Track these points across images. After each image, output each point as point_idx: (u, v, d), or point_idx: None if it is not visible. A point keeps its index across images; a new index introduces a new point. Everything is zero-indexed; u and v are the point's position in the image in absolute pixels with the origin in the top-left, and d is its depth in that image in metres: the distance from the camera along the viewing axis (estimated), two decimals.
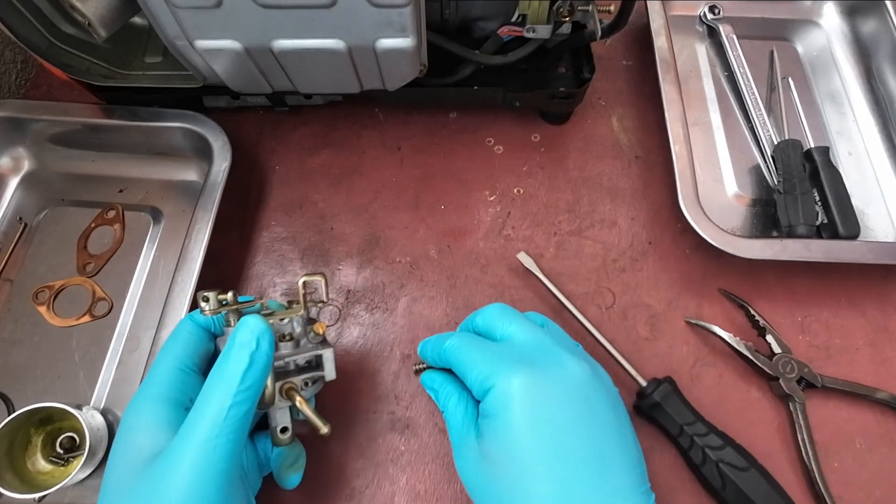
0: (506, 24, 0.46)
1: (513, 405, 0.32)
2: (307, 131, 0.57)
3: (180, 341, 0.35)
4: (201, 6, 0.37)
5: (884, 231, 0.53)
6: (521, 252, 0.49)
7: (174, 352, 0.35)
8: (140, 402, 0.33)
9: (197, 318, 0.36)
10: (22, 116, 0.51)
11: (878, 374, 0.47)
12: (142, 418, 0.32)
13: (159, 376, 0.33)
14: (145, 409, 0.32)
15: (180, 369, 0.34)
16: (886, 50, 0.59)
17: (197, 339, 0.36)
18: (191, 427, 0.29)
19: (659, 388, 0.43)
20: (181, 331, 0.36)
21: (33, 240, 0.51)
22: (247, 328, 0.31)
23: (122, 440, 0.32)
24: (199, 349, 0.36)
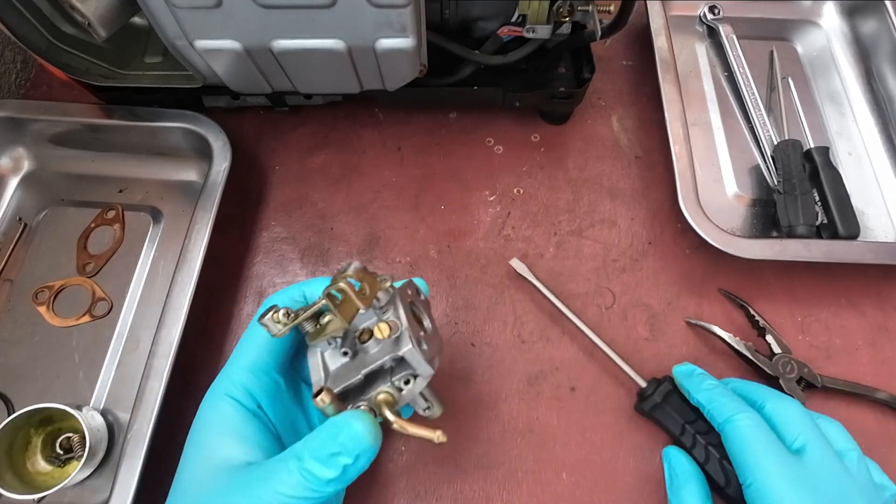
0: (506, 24, 0.46)
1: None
2: (307, 131, 0.57)
3: (255, 344, 0.33)
4: (201, 6, 0.37)
5: (883, 231, 0.53)
6: (514, 258, 0.48)
7: (250, 355, 0.32)
8: (214, 400, 0.31)
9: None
10: (22, 116, 0.51)
11: (878, 374, 0.47)
12: (216, 423, 0.30)
13: (234, 377, 0.31)
14: (220, 410, 0.31)
15: (253, 372, 0.32)
16: (886, 50, 0.59)
17: (270, 341, 0.33)
18: None
19: (659, 388, 0.43)
20: (257, 334, 0.33)
21: (33, 240, 0.51)
22: (355, 437, 0.27)
23: (196, 442, 0.31)
24: (273, 350, 0.33)
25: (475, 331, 0.48)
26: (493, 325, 0.48)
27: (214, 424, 0.31)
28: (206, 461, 0.29)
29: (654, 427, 0.45)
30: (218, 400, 0.31)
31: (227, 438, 0.30)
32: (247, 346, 0.33)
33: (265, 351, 0.33)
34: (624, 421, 0.45)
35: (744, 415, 0.37)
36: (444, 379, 0.46)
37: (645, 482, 0.43)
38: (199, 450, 0.30)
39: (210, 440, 0.30)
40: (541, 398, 0.46)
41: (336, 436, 0.27)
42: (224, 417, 0.30)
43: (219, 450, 0.29)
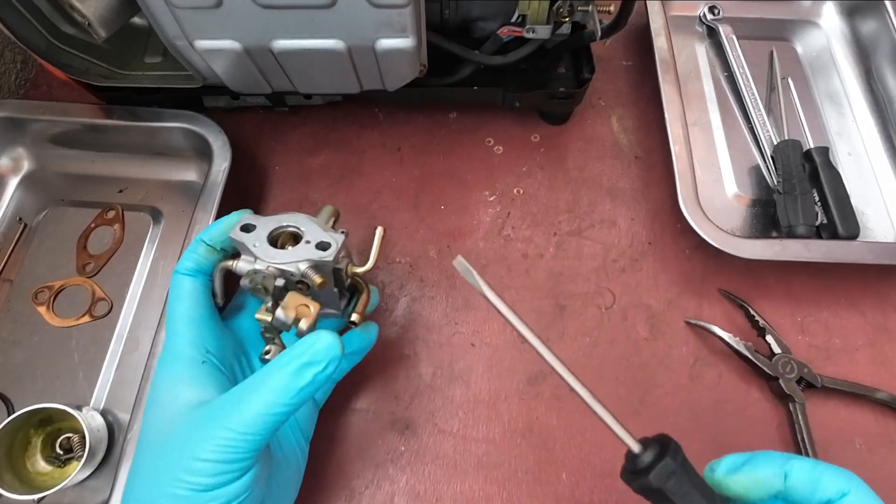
0: (506, 25, 0.46)
1: None
2: (307, 131, 0.57)
3: (184, 300, 0.35)
4: (201, 6, 0.37)
5: (883, 231, 0.53)
6: (458, 256, 0.30)
7: (181, 311, 0.35)
8: (166, 363, 0.34)
9: (185, 268, 0.36)
10: (22, 116, 0.51)
11: (878, 374, 0.47)
12: (170, 378, 0.33)
13: (176, 335, 0.34)
14: (171, 368, 0.33)
15: (191, 323, 0.34)
16: (886, 50, 0.59)
17: (199, 288, 0.36)
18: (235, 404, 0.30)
19: (660, 466, 0.29)
20: (181, 289, 0.35)
21: (33, 240, 0.51)
22: (324, 347, 0.30)
23: (156, 397, 0.33)
24: (203, 298, 0.36)
25: (475, 330, 0.48)
26: (493, 325, 0.48)
27: (170, 380, 0.33)
28: (169, 407, 0.32)
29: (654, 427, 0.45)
30: (171, 359, 0.34)
31: (184, 386, 0.32)
32: (180, 301, 0.35)
33: (198, 302, 0.35)
34: (624, 421, 0.45)
35: None
36: (444, 379, 0.46)
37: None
38: (158, 403, 0.32)
39: (169, 392, 0.32)
40: (541, 398, 0.46)
41: (307, 349, 0.30)
42: (179, 372, 0.33)
43: (180, 395, 0.32)
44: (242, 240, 0.34)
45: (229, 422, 0.29)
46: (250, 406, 0.29)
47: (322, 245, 0.34)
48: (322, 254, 0.33)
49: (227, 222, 0.36)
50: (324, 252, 0.33)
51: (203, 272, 0.36)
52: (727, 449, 0.44)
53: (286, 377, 0.30)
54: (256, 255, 0.33)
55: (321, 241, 0.34)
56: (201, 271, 0.36)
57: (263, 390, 0.29)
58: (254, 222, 0.35)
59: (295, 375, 0.30)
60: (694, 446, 0.44)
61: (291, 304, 0.32)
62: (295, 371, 0.30)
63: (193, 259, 0.35)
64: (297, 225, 0.35)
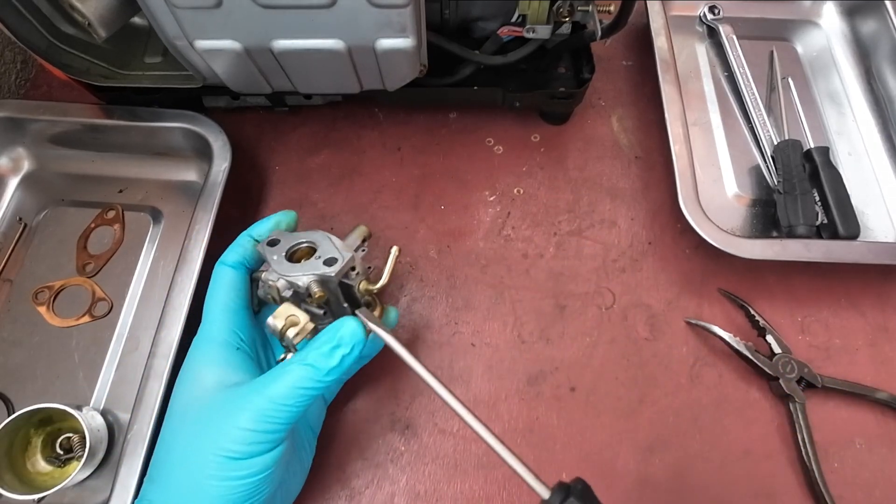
0: (506, 25, 0.46)
1: None
2: (307, 131, 0.57)
3: (225, 289, 0.37)
4: (201, 6, 0.37)
5: (883, 231, 0.53)
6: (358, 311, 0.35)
7: (220, 300, 0.37)
8: (202, 345, 0.36)
9: (229, 260, 0.38)
10: (22, 116, 0.51)
11: (878, 374, 0.47)
12: (205, 360, 0.35)
13: (214, 322, 0.36)
14: (207, 351, 0.36)
15: (228, 311, 0.37)
16: (886, 50, 0.59)
17: (238, 280, 0.38)
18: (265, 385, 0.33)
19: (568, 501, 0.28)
20: (222, 279, 0.38)
21: (33, 240, 0.51)
22: (350, 333, 0.34)
23: (193, 375, 0.35)
24: (242, 289, 0.38)
25: (475, 331, 0.48)
26: (493, 325, 0.48)
27: (207, 360, 0.35)
28: (204, 384, 0.34)
29: (654, 427, 0.45)
30: (207, 342, 0.36)
31: (220, 367, 0.35)
32: (221, 290, 0.37)
33: (237, 293, 0.38)
34: (624, 421, 0.45)
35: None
36: (444, 379, 0.46)
37: (645, 482, 0.43)
38: (194, 380, 0.35)
39: (206, 370, 0.35)
40: (541, 398, 0.46)
41: (335, 334, 0.33)
42: (216, 354, 0.35)
43: (216, 375, 0.34)
44: (265, 253, 0.37)
45: (267, 392, 0.32)
46: (286, 379, 0.32)
47: (329, 261, 0.35)
48: (326, 269, 0.35)
49: (275, 220, 0.40)
50: (328, 268, 0.35)
51: (244, 265, 0.39)
52: (727, 448, 0.44)
53: (318, 357, 0.33)
54: (273, 267, 0.36)
55: (329, 257, 0.35)
56: (243, 264, 0.38)
57: (298, 368, 0.32)
58: (281, 238, 0.37)
59: (326, 356, 0.33)
60: (694, 446, 0.44)
61: (283, 313, 0.35)
62: (326, 353, 0.33)
63: (238, 252, 0.38)
64: (314, 241, 0.37)
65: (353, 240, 0.40)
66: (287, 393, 0.32)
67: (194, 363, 0.36)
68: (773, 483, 0.43)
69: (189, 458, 0.32)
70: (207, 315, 0.37)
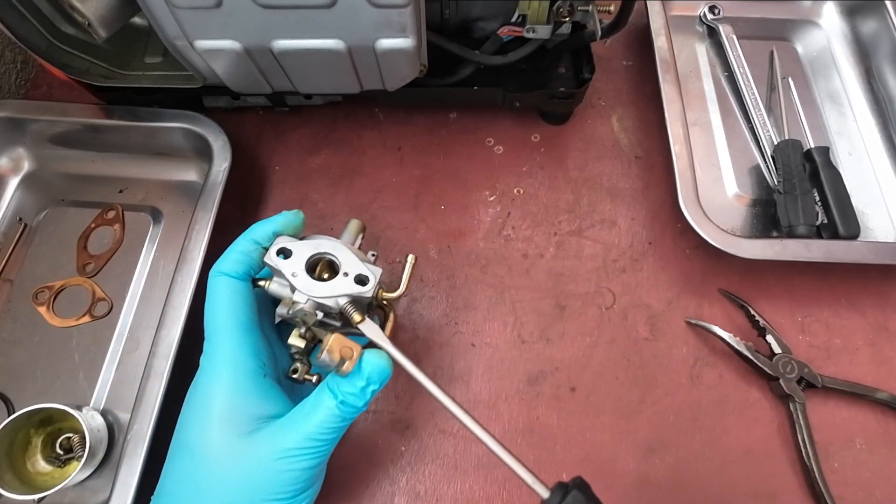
0: (506, 25, 0.46)
1: None
2: (307, 131, 0.57)
3: (241, 305, 0.34)
4: (201, 6, 0.37)
5: (884, 231, 0.53)
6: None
7: (238, 318, 0.34)
8: (222, 372, 0.33)
9: (235, 271, 0.34)
10: (22, 116, 0.51)
11: (878, 374, 0.47)
12: (233, 391, 0.32)
13: (232, 344, 0.33)
14: (233, 381, 0.33)
15: (247, 332, 0.34)
16: (886, 50, 0.59)
17: (249, 292, 0.35)
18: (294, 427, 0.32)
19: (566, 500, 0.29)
20: (230, 290, 0.34)
21: (33, 240, 0.51)
22: (379, 370, 0.33)
23: (213, 410, 0.32)
24: (254, 303, 0.35)
25: (475, 331, 0.48)
26: (494, 325, 0.48)
27: (236, 392, 0.32)
28: (237, 419, 0.32)
29: (654, 427, 0.45)
30: (230, 370, 0.33)
31: (251, 399, 0.33)
32: (230, 305, 0.34)
33: (252, 308, 0.34)
34: (624, 421, 0.45)
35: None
36: (444, 379, 0.46)
37: (645, 482, 0.43)
38: (219, 416, 0.32)
39: (237, 405, 0.32)
40: (541, 398, 0.46)
41: (364, 372, 0.32)
42: (244, 385, 0.33)
43: (249, 409, 0.32)
44: (280, 267, 0.33)
45: (303, 430, 0.32)
46: (320, 415, 0.32)
47: (361, 279, 0.34)
48: (361, 289, 0.33)
49: (280, 223, 0.35)
50: (363, 287, 0.33)
51: (250, 275, 0.35)
52: (727, 448, 0.44)
53: (350, 395, 0.32)
54: (295, 285, 0.33)
55: (359, 274, 0.34)
56: (249, 274, 0.35)
57: (331, 405, 0.32)
58: (289, 246, 0.34)
59: (359, 396, 0.32)
60: (694, 446, 0.44)
61: (336, 347, 0.32)
62: (358, 392, 0.32)
63: (243, 261, 0.34)
64: (334, 254, 0.34)
65: (351, 237, 0.38)
66: (322, 430, 0.32)
67: (217, 393, 0.32)
68: (774, 483, 0.43)
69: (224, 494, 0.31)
70: (221, 336, 0.33)
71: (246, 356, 0.33)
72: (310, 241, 0.35)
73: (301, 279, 0.33)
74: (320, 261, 0.35)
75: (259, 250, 0.35)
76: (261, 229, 0.35)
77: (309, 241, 0.35)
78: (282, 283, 0.34)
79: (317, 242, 0.35)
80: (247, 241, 0.35)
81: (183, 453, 0.33)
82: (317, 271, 0.35)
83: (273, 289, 0.34)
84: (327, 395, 0.32)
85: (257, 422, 0.32)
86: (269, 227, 0.35)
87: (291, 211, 0.37)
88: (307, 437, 0.31)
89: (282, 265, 0.33)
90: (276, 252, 0.34)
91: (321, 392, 0.33)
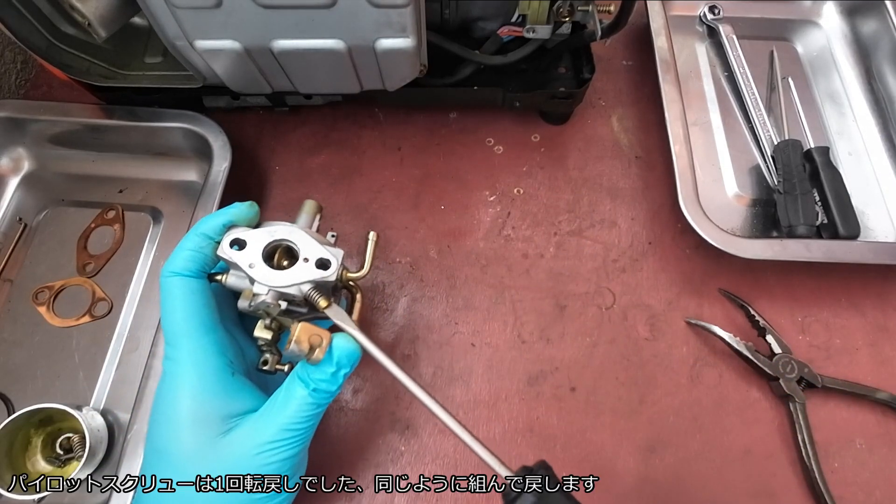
0: (506, 25, 0.46)
1: None
2: (307, 131, 0.57)
3: (198, 304, 0.33)
4: (201, 6, 0.37)
5: (884, 231, 0.53)
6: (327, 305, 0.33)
7: (199, 317, 0.33)
8: (187, 374, 0.32)
9: (188, 269, 0.33)
10: (22, 116, 0.51)
11: (878, 374, 0.47)
12: (201, 392, 0.32)
13: (194, 345, 0.32)
14: (200, 382, 0.32)
15: (209, 331, 0.33)
16: (886, 50, 0.59)
17: (207, 289, 0.34)
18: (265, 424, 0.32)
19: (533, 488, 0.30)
20: (186, 290, 0.33)
21: (33, 240, 0.51)
22: (348, 354, 0.32)
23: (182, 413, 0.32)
24: (212, 299, 0.34)
25: (475, 331, 0.48)
26: (493, 325, 0.48)
27: (204, 394, 0.32)
28: (202, 423, 0.32)
29: (654, 427, 0.45)
30: (193, 371, 0.32)
31: (219, 400, 0.32)
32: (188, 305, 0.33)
33: (210, 305, 0.34)
34: (624, 421, 0.45)
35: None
36: (444, 379, 0.46)
37: (645, 482, 0.43)
38: (188, 419, 0.32)
39: (205, 407, 0.32)
40: (541, 398, 0.46)
41: (333, 357, 0.32)
42: (210, 385, 0.32)
43: (213, 410, 0.32)
44: (235, 259, 0.32)
45: (279, 421, 0.32)
46: (294, 406, 0.32)
47: (322, 263, 0.33)
48: (324, 273, 0.32)
49: (231, 215, 0.34)
50: (325, 271, 0.33)
51: (204, 272, 0.34)
52: (727, 448, 0.44)
53: (322, 381, 0.32)
54: (254, 277, 0.32)
55: (321, 258, 0.33)
56: (204, 271, 0.34)
57: (304, 393, 0.32)
58: (242, 236, 0.33)
59: (330, 381, 0.32)
60: (694, 446, 0.44)
61: (304, 337, 0.31)
62: (329, 378, 0.32)
63: (196, 258, 0.33)
64: (291, 239, 0.33)
65: (308, 220, 0.36)
66: (297, 419, 0.32)
67: (186, 397, 0.32)
68: (773, 483, 0.43)
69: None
70: (182, 339, 0.32)
71: (211, 356, 0.32)
72: (264, 229, 0.33)
73: (259, 270, 0.32)
74: (277, 248, 0.34)
75: (211, 244, 0.33)
76: (210, 222, 0.34)
77: (263, 228, 0.34)
78: (239, 275, 0.33)
79: (272, 230, 0.33)
80: (197, 237, 0.33)
81: (159, 461, 0.32)
82: (275, 259, 0.34)
83: (231, 282, 0.33)
84: (298, 384, 0.32)
85: (231, 420, 0.32)
86: (219, 219, 0.34)
87: (245, 203, 0.35)
88: (283, 428, 0.32)
89: (237, 257, 0.32)
90: (229, 244, 0.33)
91: (292, 382, 0.33)
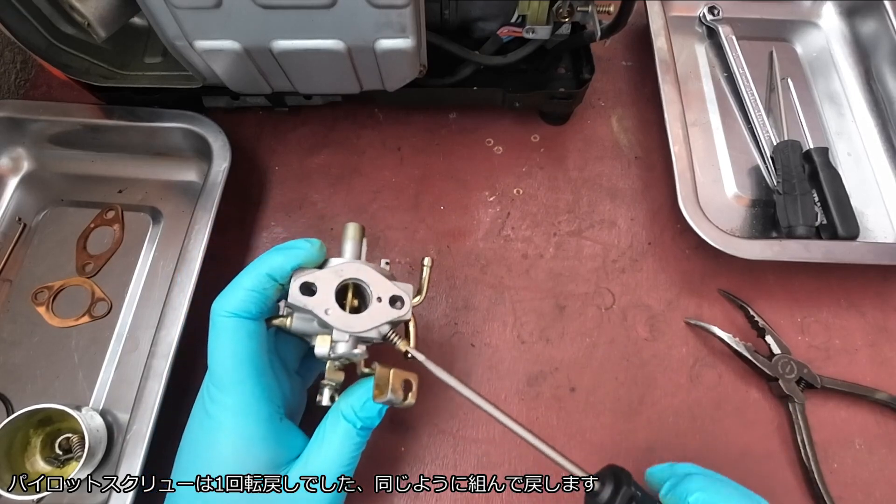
0: (505, 25, 0.46)
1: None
2: (307, 131, 0.57)
3: (251, 348, 0.31)
4: (201, 6, 0.37)
5: (883, 232, 0.53)
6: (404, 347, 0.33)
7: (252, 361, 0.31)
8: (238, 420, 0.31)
9: (237, 308, 0.31)
10: (21, 116, 0.51)
11: (878, 375, 0.47)
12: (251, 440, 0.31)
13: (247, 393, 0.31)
14: (251, 430, 0.31)
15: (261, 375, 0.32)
16: (885, 50, 0.59)
17: (262, 332, 0.32)
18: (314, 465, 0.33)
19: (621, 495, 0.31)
20: (244, 333, 0.31)
21: (33, 240, 0.51)
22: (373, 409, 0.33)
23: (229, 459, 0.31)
24: (266, 343, 0.33)
25: (475, 331, 0.48)
26: (493, 326, 0.48)
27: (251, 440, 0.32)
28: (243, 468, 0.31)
29: (653, 428, 0.45)
30: (244, 418, 0.31)
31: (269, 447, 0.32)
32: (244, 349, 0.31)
33: (263, 348, 0.33)
34: (624, 421, 0.45)
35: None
36: None
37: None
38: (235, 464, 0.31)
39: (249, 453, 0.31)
40: (541, 398, 0.46)
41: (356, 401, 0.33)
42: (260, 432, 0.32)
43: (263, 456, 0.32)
44: (310, 307, 0.30)
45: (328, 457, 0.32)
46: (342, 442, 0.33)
47: (394, 300, 0.32)
48: (399, 312, 0.32)
49: (301, 257, 0.32)
50: (400, 310, 0.32)
51: (264, 314, 0.32)
52: (727, 449, 0.44)
53: (368, 418, 0.33)
54: (332, 324, 0.30)
55: (393, 295, 0.32)
56: (264, 314, 0.32)
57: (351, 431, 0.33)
58: (310, 279, 0.31)
59: (377, 417, 0.33)
60: (694, 446, 0.44)
61: (398, 385, 0.31)
62: (376, 415, 0.33)
63: (258, 300, 0.31)
64: (360, 277, 0.32)
65: (357, 246, 0.35)
66: (346, 459, 0.33)
67: (235, 446, 0.31)
68: (773, 483, 0.43)
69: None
70: (235, 386, 0.31)
71: (262, 403, 0.31)
72: (330, 269, 0.32)
73: (335, 316, 0.30)
74: (345, 287, 0.32)
75: (275, 287, 0.31)
76: (275, 262, 0.31)
77: (329, 269, 0.32)
78: (306, 317, 0.31)
79: (337, 269, 0.32)
80: (259, 276, 0.31)
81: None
82: (347, 300, 0.32)
83: (297, 327, 0.32)
84: (343, 423, 0.32)
85: (277, 469, 0.32)
86: (287, 261, 0.31)
87: (308, 240, 0.32)
88: (334, 472, 0.32)
89: (311, 304, 0.30)
90: (299, 290, 0.31)
91: (336, 421, 0.33)
